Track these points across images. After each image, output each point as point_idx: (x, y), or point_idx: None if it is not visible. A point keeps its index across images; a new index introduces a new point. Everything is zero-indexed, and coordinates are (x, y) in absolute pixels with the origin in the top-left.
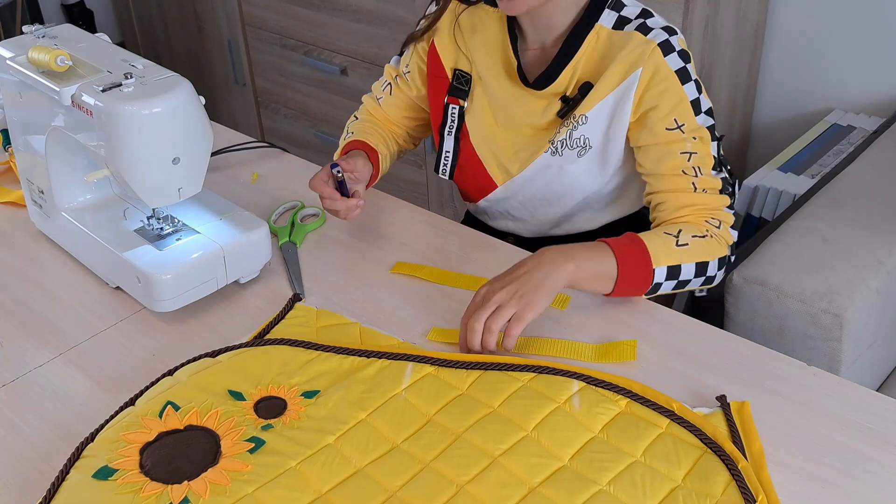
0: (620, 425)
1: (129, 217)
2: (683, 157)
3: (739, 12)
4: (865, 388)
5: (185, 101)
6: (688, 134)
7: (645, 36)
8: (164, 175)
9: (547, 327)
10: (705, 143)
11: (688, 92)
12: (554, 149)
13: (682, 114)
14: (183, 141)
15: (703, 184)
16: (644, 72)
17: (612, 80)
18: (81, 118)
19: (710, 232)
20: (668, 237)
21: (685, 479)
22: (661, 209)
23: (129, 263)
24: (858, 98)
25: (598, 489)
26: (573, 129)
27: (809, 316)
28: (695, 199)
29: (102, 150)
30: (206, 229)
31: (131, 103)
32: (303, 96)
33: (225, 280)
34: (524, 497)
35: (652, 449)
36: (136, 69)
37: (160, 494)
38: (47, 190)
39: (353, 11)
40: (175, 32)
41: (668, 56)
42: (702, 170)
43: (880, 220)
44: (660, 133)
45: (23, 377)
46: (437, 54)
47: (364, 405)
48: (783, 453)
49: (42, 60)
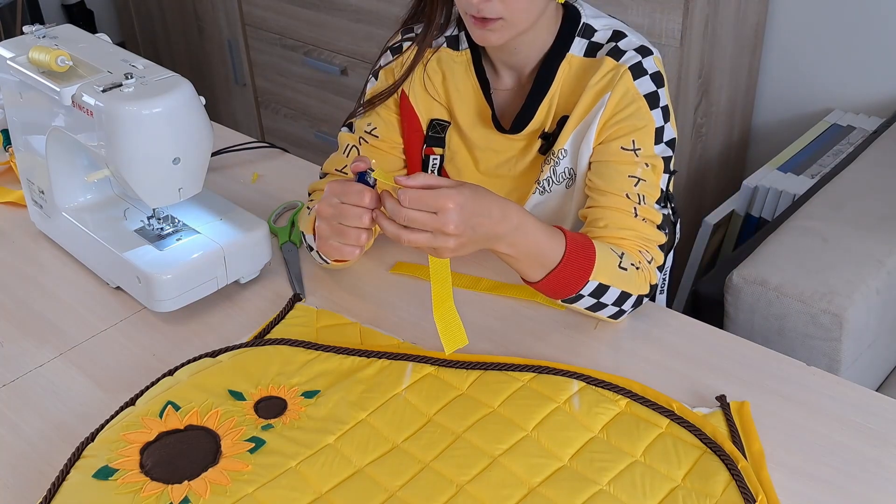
0: (620, 425)
1: (129, 217)
2: (631, 181)
3: (739, 12)
4: (865, 388)
5: (185, 101)
6: (641, 159)
7: (616, 60)
8: (165, 175)
9: (544, 324)
10: (656, 173)
11: (654, 117)
12: (542, 188)
13: (642, 138)
14: (183, 141)
15: (644, 213)
16: (612, 96)
17: (583, 108)
18: (82, 118)
19: (643, 266)
20: (613, 255)
21: (685, 479)
22: (600, 225)
23: (129, 263)
24: (858, 98)
25: (598, 489)
26: (556, 164)
27: (809, 316)
28: (634, 224)
29: (103, 150)
30: (206, 229)
31: (132, 103)
32: (303, 96)
33: (225, 280)
34: (524, 497)
35: (652, 449)
36: (136, 69)
37: (160, 494)
38: (47, 190)
39: (353, 11)
40: (175, 32)
41: (639, 79)
42: (646, 199)
43: (880, 220)
44: (614, 151)
45: (23, 377)
46: (411, 105)
47: (364, 405)
48: (783, 453)
49: (42, 61)
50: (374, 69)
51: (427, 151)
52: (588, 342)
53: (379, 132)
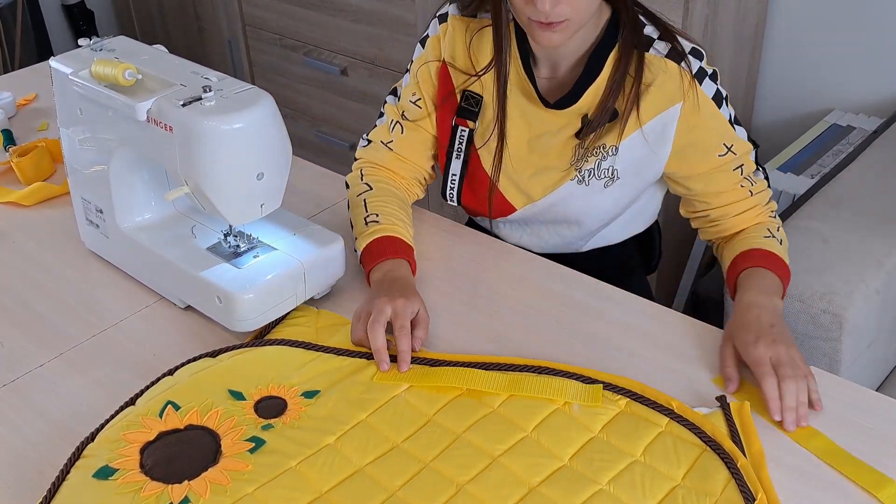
0: (620, 425)
1: (198, 235)
2: (737, 172)
3: (739, 12)
4: (865, 388)
5: (268, 114)
6: (737, 151)
7: (678, 64)
8: (248, 191)
9: (544, 324)
10: (749, 151)
11: (724, 114)
12: (581, 178)
13: (727, 136)
14: (266, 155)
15: (756, 188)
16: (685, 106)
17: (647, 113)
18: (158, 134)
19: (777, 221)
20: (772, 240)
21: (685, 478)
22: (721, 221)
23: (208, 283)
24: (858, 98)
25: (598, 489)
26: (602, 159)
27: (809, 316)
28: (755, 201)
29: (181, 166)
30: (282, 245)
31: (216, 118)
32: (303, 96)
33: (304, 296)
34: (524, 497)
35: (651, 448)
36: (212, 82)
37: (160, 494)
38: (107, 208)
39: (353, 11)
40: (175, 32)
41: (704, 84)
42: (753, 179)
43: (880, 220)
44: (713, 160)
45: (23, 377)
46: (449, 73)
47: (364, 406)
48: (783, 453)
49: (108, 74)
50: (422, 38)
51: (458, 122)
52: (588, 342)
53: (422, 104)
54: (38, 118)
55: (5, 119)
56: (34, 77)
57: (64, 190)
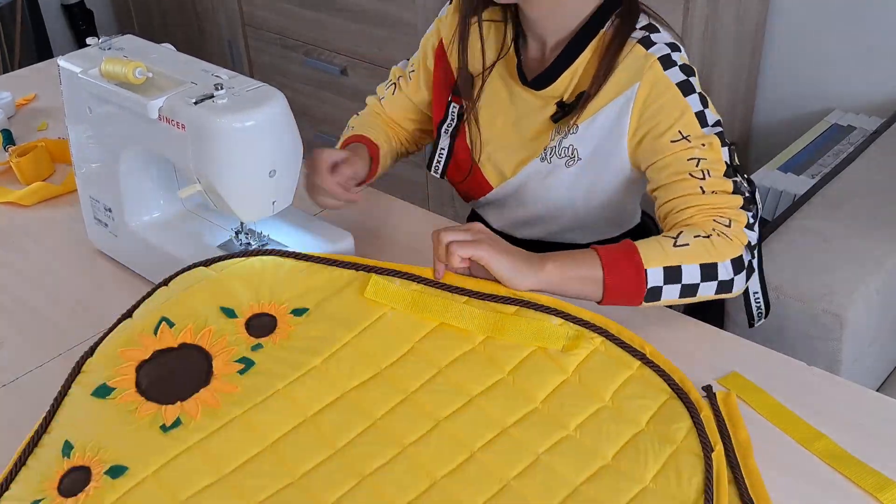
0: (593, 365)
1: (208, 233)
2: (691, 163)
3: (739, 12)
4: (865, 388)
5: (280, 111)
6: (695, 142)
7: (646, 49)
8: (261, 188)
9: None
10: (714, 150)
11: (691, 104)
12: (544, 155)
13: (686, 126)
14: (279, 153)
15: (711, 186)
16: (642, 86)
17: (608, 94)
18: (170, 132)
19: (718, 231)
20: (665, 239)
21: (648, 423)
22: (670, 217)
23: None
24: (858, 98)
25: (566, 434)
26: (564, 136)
27: (809, 316)
28: (702, 200)
29: (194, 164)
30: (292, 242)
31: (228, 115)
32: (303, 97)
33: None
34: (496, 436)
35: (620, 392)
36: (223, 80)
37: (154, 415)
38: (116, 207)
39: (353, 11)
40: (175, 32)
41: (669, 70)
42: (710, 173)
43: (880, 220)
44: (665, 146)
45: (23, 377)
46: (445, 52)
47: (350, 325)
48: (782, 452)
49: (118, 73)
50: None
51: (453, 99)
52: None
53: (414, 76)
54: (38, 118)
55: (5, 119)
56: (34, 77)
57: (63, 190)
